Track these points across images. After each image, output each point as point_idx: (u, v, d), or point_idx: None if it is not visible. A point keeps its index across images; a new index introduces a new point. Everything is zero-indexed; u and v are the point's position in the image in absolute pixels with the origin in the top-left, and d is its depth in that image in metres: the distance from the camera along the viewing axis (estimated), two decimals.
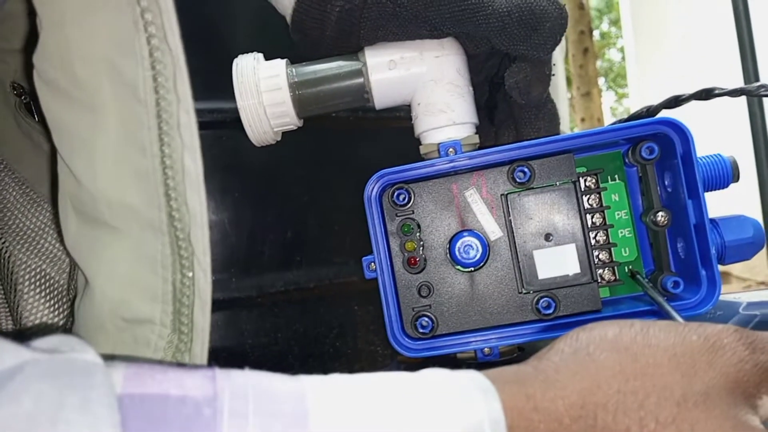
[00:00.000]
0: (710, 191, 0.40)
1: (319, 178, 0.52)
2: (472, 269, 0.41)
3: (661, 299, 0.37)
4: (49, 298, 0.44)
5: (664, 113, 0.41)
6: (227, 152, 0.49)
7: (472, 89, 0.42)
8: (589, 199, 0.41)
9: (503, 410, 0.24)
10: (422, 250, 0.41)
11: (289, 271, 0.50)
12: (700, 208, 0.37)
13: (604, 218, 0.41)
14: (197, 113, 0.31)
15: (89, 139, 0.32)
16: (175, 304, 0.32)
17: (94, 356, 0.22)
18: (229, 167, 0.49)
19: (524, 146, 0.39)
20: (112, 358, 0.24)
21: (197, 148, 0.31)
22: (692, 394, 0.25)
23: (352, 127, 0.53)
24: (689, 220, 0.38)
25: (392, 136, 0.53)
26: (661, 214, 0.39)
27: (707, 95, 0.40)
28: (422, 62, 0.40)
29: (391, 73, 0.40)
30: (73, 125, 0.33)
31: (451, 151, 0.40)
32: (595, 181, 0.42)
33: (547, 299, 0.40)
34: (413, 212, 0.41)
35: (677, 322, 0.29)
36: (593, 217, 0.41)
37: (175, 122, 0.31)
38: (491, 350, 0.40)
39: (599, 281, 0.41)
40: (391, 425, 0.23)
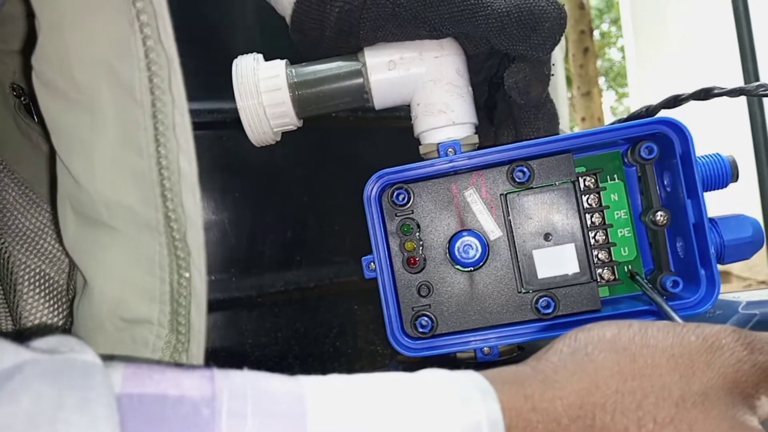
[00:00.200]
0: (709, 191, 0.40)
1: (318, 178, 0.52)
2: (471, 269, 0.41)
3: (660, 300, 0.37)
4: (48, 298, 0.44)
5: (663, 113, 0.41)
6: (227, 152, 0.49)
7: (471, 89, 0.42)
8: (588, 198, 0.41)
9: (502, 411, 0.24)
10: (422, 249, 0.41)
11: (289, 270, 0.50)
12: (699, 207, 0.37)
13: (603, 218, 0.41)
14: (197, 114, 0.31)
15: (87, 140, 0.32)
16: (172, 304, 0.32)
17: (93, 356, 0.22)
18: (229, 167, 0.49)
19: (523, 146, 0.39)
20: (111, 358, 0.24)
21: (192, 148, 0.31)
22: (690, 394, 0.25)
23: (351, 127, 0.53)
24: (688, 219, 0.38)
25: (392, 136, 0.53)
26: (660, 213, 0.39)
27: (706, 95, 0.40)
28: (422, 62, 0.40)
29: (390, 73, 0.40)
30: (71, 126, 0.33)
31: (450, 151, 0.40)
32: (594, 180, 0.42)
33: (546, 299, 0.40)
34: (413, 212, 0.41)
35: (675, 322, 0.29)
36: (592, 216, 0.41)
37: (170, 123, 0.31)
38: (491, 350, 0.40)
39: (598, 281, 0.41)
40: (389, 426, 0.23)
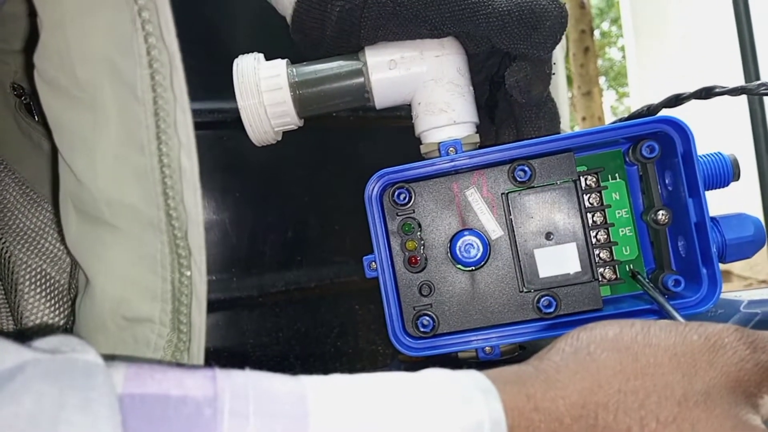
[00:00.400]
0: (711, 190, 0.40)
1: (319, 177, 0.52)
2: (472, 268, 0.41)
3: (661, 299, 0.37)
4: (49, 298, 0.44)
5: (664, 112, 0.41)
6: (228, 152, 0.49)
7: (472, 88, 0.42)
8: (589, 197, 0.41)
9: (504, 410, 0.24)
10: (423, 249, 0.41)
11: (289, 270, 0.50)
12: (700, 206, 0.37)
13: (604, 217, 0.41)
14: (198, 113, 0.31)
15: (89, 138, 0.32)
16: (174, 303, 0.32)
17: (95, 356, 0.22)
18: (229, 167, 0.49)
19: (525, 145, 0.39)
20: (112, 358, 0.24)
21: (193, 146, 0.31)
22: (693, 393, 0.25)
23: (352, 126, 0.53)
24: (690, 218, 0.38)
25: (393, 135, 0.53)
26: (661, 212, 0.39)
27: (708, 94, 0.40)
28: (422, 62, 0.40)
29: (391, 72, 0.40)
30: (73, 124, 0.33)
31: (451, 150, 0.40)
32: (595, 179, 0.42)
33: (548, 298, 0.40)
34: (414, 211, 0.41)
35: (678, 321, 0.29)
36: (594, 215, 0.41)
37: (172, 120, 0.31)
38: (492, 349, 0.40)
39: (600, 280, 0.41)
40: (391, 426, 0.23)
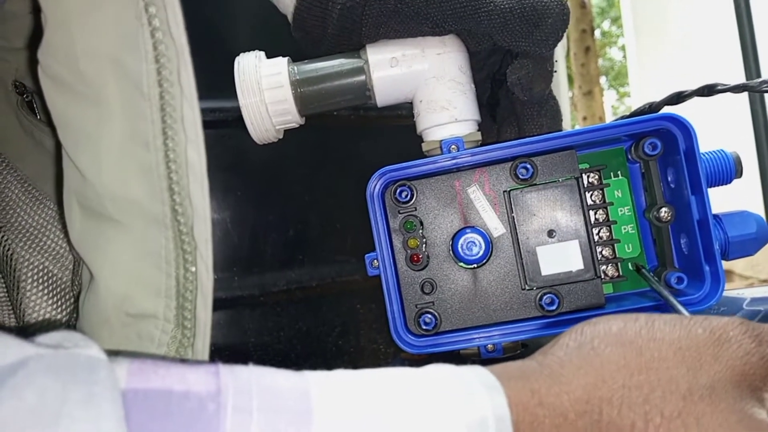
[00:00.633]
0: (713, 187, 0.40)
1: (321, 176, 0.52)
2: (475, 266, 0.40)
3: (666, 293, 0.37)
4: (52, 295, 0.44)
5: (666, 110, 0.41)
6: (229, 151, 0.49)
7: (474, 86, 0.42)
8: (591, 195, 0.41)
9: (508, 406, 0.24)
10: (425, 247, 0.41)
11: (291, 269, 0.50)
12: (703, 203, 0.37)
13: (607, 214, 0.41)
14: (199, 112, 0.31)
15: (94, 134, 0.32)
16: (178, 299, 0.32)
17: (97, 351, 0.22)
18: (231, 166, 0.49)
19: (526, 143, 0.39)
20: (115, 354, 0.24)
21: (201, 141, 0.31)
22: (698, 387, 0.25)
23: (353, 125, 0.53)
24: (692, 215, 0.38)
25: (394, 134, 0.53)
26: (664, 210, 0.39)
27: (710, 91, 0.40)
28: (424, 59, 0.40)
29: (392, 70, 0.40)
30: (77, 120, 0.33)
31: (453, 148, 0.40)
32: (597, 177, 0.41)
33: (550, 295, 0.40)
34: (416, 209, 0.41)
35: (682, 315, 0.29)
36: (596, 213, 0.41)
37: (179, 115, 0.31)
38: (494, 347, 0.40)
39: (602, 277, 0.41)
40: (395, 421, 0.23)
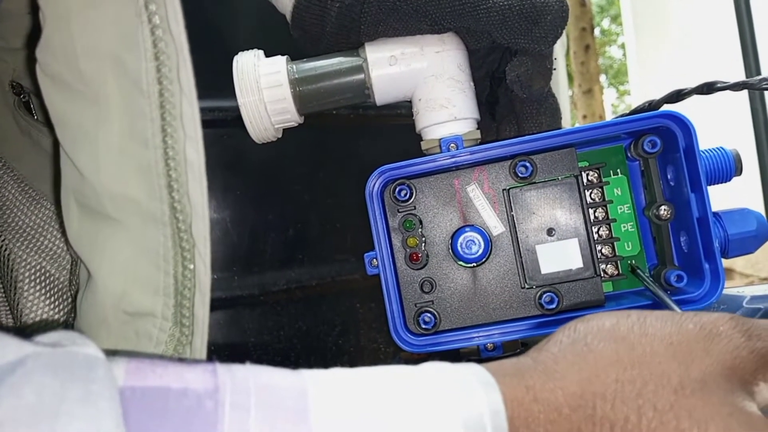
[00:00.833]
0: (713, 185, 0.40)
1: (320, 175, 0.52)
2: (474, 264, 0.40)
3: (661, 292, 0.37)
4: (49, 295, 0.44)
5: (666, 108, 0.41)
6: (228, 151, 0.48)
7: (473, 84, 0.42)
8: (591, 193, 0.41)
9: (504, 402, 0.24)
10: (424, 245, 0.41)
11: (291, 269, 0.50)
12: (703, 201, 0.37)
13: (606, 213, 0.41)
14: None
15: (92, 132, 0.32)
16: (176, 297, 0.32)
17: (95, 350, 0.22)
18: (230, 166, 0.49)
19: (526, 141, 0.39)
20: (113, 353, 0.24)
21: (200, 138, 0.31)
22: (689, 381, 0.25)
23: (352, 124, 0.53)
24: (692, 213, 0.38)
25: (393, 133, 0.53)
26: (663, 207, 0.39)
27: (709, 89, 0.40)
28: (423, 58, 0.40)
29: (391, 68, 0.40)
30: (76, 118, 0.33)
31: (452, 146, 0.39)
32: (597, 175, 0.41)
33: (550, 294, 0.40)
34: (415, 208, 0.41)
35: (674, 311, 0.29)
36: (596, 211, 0.41)
37: (178, 113, 0.30)
38: (494, 345, 0.40)
39: (602, 276, 0.41)
40: (392, 418, 0.23)
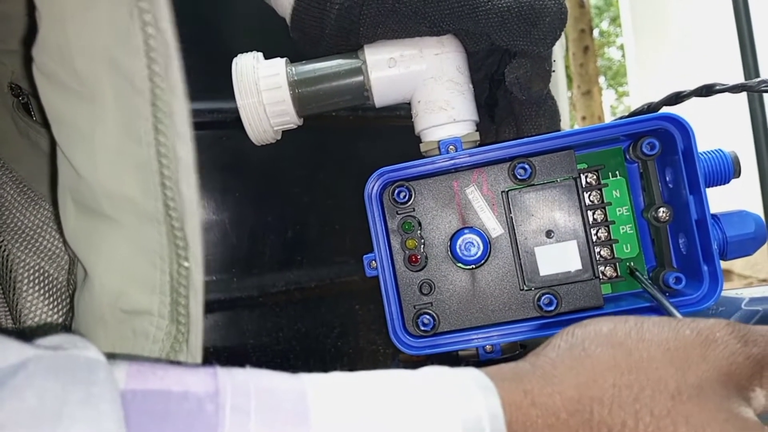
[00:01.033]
0: (712, 187, 0.40)
1: (319, 177, 0.52)
2: (473, 266, 0.40)
3: (659, 295, 0.37)
4: (48, 296, 0.44)
5: (665, 110, 0.41)
6: (227, 152, 0.49)
7: (472, 86, 0.42)
8: (590, 195, 0.41)
9: (502, 406, 0.25)
10: (423, 247, 0.41)
11: (290, 270, 0.50)
12: (701, 203, 0.37)
13: (605, 215, 0.41)
14: (197, 114, 0.31)
15: (89, 131, 0.32)
16: (172, 294, 0.32)
17: (96, 353, 0.22)
18: (229, 167, 0.49)
19: (525, 143, 0.39)
20: (113, 357, 0.24)
21: (189, 134, 0.31)
22: (686, 387, 0.25)
23: (352, 126, 0.53)
24: (691, 215, 0.38)
25: (392, 135, 0.53)
26: (662, 209, 0.39)
27: (708, 91, 0.40)
28: (422, 60, 0.40)
29: (391, 70, 0.40)
30: (72, 117, 0.33)
31: (451, 148, 0.40)
32: (596, 177, 0.42)
33: (548, 296, 0.40)
34: (414, 210, 0.41)
35: (671, 317, 0.29)
36: (594, 213, 0.41)
37: (169, 110, 0.30)
38: (493, 348, 0.40)
39: (601, 278, 0.41)
40: (391, 421, 0.23)
